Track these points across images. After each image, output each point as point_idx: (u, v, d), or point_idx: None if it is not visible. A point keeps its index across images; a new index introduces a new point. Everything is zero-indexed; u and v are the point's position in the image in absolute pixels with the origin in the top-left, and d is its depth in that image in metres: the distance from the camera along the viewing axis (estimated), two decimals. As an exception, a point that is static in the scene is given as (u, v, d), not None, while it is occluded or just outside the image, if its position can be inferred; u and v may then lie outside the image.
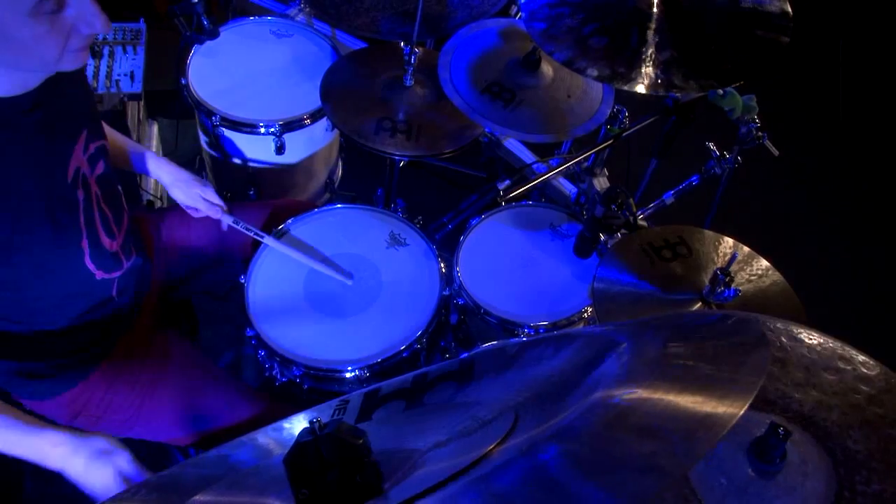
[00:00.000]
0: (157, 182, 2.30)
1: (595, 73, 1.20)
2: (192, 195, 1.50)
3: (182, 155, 2.45)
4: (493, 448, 0.43)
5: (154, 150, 2.39)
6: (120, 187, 1.28)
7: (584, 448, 0.36)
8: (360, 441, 0.48)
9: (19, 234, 1.03)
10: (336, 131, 1.93)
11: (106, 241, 1.20)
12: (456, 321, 1.57)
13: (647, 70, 1.22)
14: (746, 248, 1.35)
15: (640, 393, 0.39)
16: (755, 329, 0.49)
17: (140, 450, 1.75)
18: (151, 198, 2.21)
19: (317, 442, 0.47)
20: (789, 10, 1.26)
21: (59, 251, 1.11)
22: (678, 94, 1.41)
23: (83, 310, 1.23)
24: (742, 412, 0.37)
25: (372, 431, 0.49)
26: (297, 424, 0.72)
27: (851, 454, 0.79)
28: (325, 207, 1.61)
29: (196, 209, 1.52)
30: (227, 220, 1.53)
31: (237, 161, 1.89)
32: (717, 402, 0.38)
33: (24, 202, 1.03)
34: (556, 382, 0.51)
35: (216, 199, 1.52)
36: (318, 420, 0.49)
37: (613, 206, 1.32)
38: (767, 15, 1.26)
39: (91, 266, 1.18)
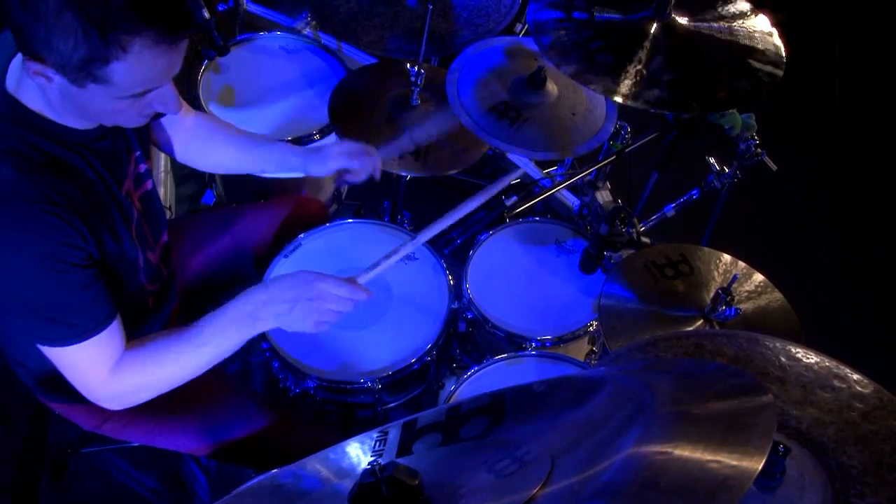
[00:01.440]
0: (167, 191, 2.35)
1: (600, 87, 1.25)
2: (336, 158, 1.44)
3: (190, 164, 2.49)
4: (537, 492, 0.48)
5: (162, 160, 2.43)
6: (160, 205, 1.34)
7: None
8: (416, 482, 0.53)
9: (98, 245, 1.08)
10: (344, 145, 1.97)
11: (150, 254, 1.26)
12: (464, 328, 1.62)
13: (651, 89, 1.27)
14: (743, 264, 1.41)
15: (670, 452, 0.45)
16: (759, 389, 0.54)
17: (154, 457, 1.80)
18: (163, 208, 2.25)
19: (378, 483, 0.53)
20: (783, 52, 1.31)
21: (122, 266, 1.16)
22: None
23: (128, 323, 1.28)
24: (757, 473, 0.42)
25: (416, 466, 0.54)
26: (343, 454, 0.77)
27: (846, 469, 0.83)
28: (336, 222, 1.65)
29: (346, 172, 1.45)
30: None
31: (247, 174, 1.93)
32: (735, 461, 0.43)
33: (97, 217, 1.08)
34: (588, 431, 0.56)
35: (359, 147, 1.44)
36: (378, 463, 0.54)
37: (618, 224, 1.36)
38: (763, 49, 1.32)
39: (144, 279, 1.24)
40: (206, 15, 1.83)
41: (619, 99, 1.26)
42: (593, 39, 1.29)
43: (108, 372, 1.10)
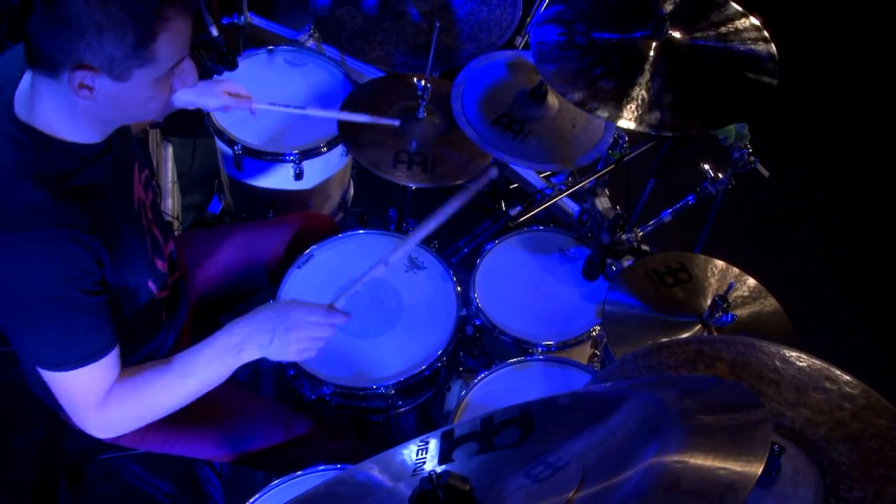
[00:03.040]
0: (174, 202, 2.40)
1: (605, 114, 1.31)
2: (219, 95, 1.54)
3: (196, 173, 2.53)
4: (573, 495, 0.55)
5: (169, 171, 2.48)
6: (169, 219, 1.39)
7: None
8: (468, 487, 0.62)
9: (114, 257, 1.12)
10: (350, 156, 2.03)
11: (158, 262, 1.30)
12: (471, 332, 1.69)
13: (653, 112, 1.33)
14: (737, 270, 1.48)
15: (685, 461, 0.53)
16: (755, 403, 0.62)
17: (169, 462, 1.85)
18: (170, 219, 2.30)
19: (435, 489, 0.61)
20: (776, 57, 1.38)
21: (132, 273, 1.21)
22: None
23: (141, 331, 1.33)
24: (757, 477, 0.51)
25: (460, 472, 0.62)
26: (390, 462, 0.84)
27: (836, 465, 0.90)
28: (346, 234, 1.71)
29: (227, 106, 1.56)
30: (260, 106, 1.59)
31: (257, 186, 1.98)
32: (739, 468, 0.52)
33: (116, 229, 1.13)
34: (613, 441, 0.64)
35: (241, 90, 1.57)
36: (434, 472, 0.62)
37: (619, 234, 1.43)
38: (757, 57, 1.38)
39: (153, 287, 1.28)
40: (215, 32, 1.89)
41: (623, 124, 1.31)
42: (595, 65, 1.35)
43: (99, 400, 1.13)
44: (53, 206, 1.04)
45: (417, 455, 0.79)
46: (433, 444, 0.79)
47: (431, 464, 0.77)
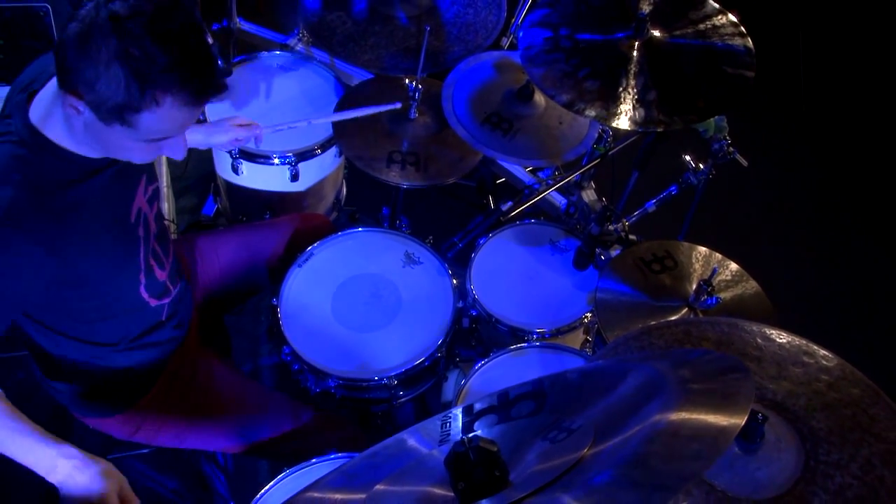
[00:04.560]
0: (169, 205, 2.44)
1: (593, 113, 1.38)
2: (228, 129, 1.62)
3: (190, 177, 2.57)
4: (586, 452, 0.63)
5: (164, 175, 2.51)
6: (166, 222, 1.44)
7: (661, 448, 0.56)
8: (496, 449, 0.71)
9: (89, 268, 1.18)
10: (343, 157, 2.08)
11: (158, 272, 1.36)
12: (467, 325, 1.75)
13: (638, 109, 1.40)
14: (719, 255, 1.56)
15: (683, 415, 0.61)
16: (740, 368, 0.70)
17: (174, 460, 1.89)
18: (168, 222, 2.33)
19: (467, 451, 0.71)
20: (753, 52, 1.45)
21: (118, 283, 1.27)
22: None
23: (138, 333, 1.38)
24: (742, 425, 0.59)
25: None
26: (418, 435, 0.92)
27: (815, 432, 0.97)
28: (345, 231, 1.77)
29: (237, 140, 1.64)
30: (267, 131, 1.68)
31: (254, 189, 2.03)
32: (727, 419, 0.59)
33: (98, 241, 1.19)
34: (619, 405, 0.73)
35: (247, 121, 1.65)
36: (466, 437, 0.70)
37: (607, 224, 1.50)
38: (734, 52, 1.45)
39: (145, 295, 1.34)
40: (210, 40, 1.93)
41: (612, 123, 1.38)
42: (581, 66, 1.42)
43: None
44: (29, 216, 1.09)
45: (443, 428, 0.87)
46: (455, 420, 0.87)
47: (455, 436, 0.85)
